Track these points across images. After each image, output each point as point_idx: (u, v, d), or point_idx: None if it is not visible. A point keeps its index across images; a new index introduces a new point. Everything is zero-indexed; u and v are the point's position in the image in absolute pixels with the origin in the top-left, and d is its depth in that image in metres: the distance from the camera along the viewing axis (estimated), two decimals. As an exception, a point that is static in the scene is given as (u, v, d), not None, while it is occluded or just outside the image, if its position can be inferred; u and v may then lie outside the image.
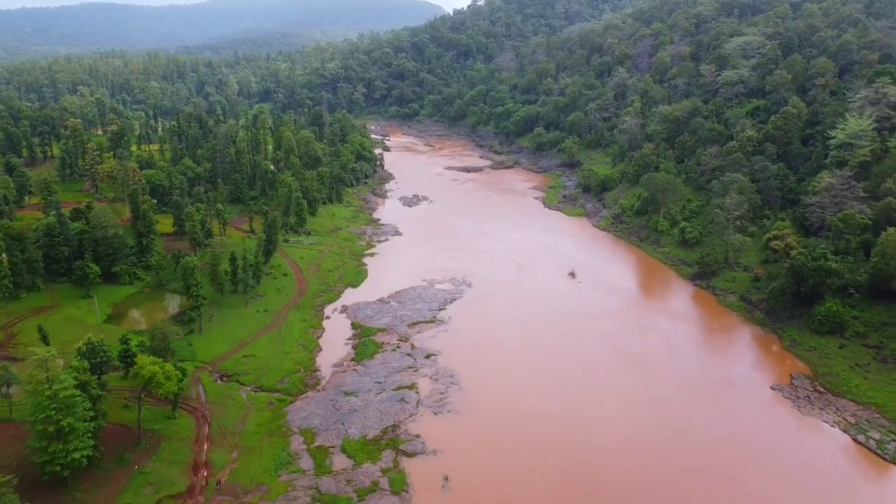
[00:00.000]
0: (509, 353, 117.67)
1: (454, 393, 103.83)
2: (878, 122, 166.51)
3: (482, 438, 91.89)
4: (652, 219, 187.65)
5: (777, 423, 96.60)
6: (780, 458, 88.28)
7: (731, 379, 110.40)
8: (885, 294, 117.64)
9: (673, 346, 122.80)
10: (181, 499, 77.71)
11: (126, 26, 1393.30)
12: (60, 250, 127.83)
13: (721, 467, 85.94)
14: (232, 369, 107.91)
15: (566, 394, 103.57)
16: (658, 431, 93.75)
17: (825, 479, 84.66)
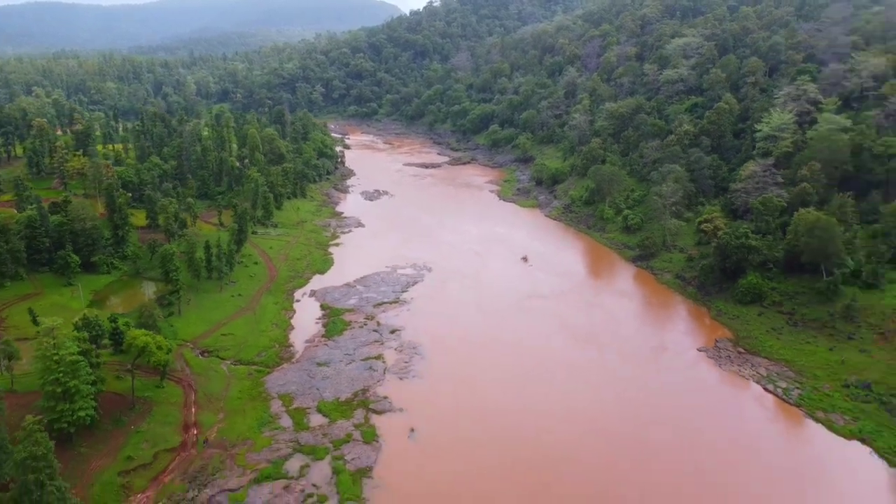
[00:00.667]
0: (467, 328, 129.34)
1: (417, 361, 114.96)
2: (799, 116, 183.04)
3: (443, 398, 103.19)
4: (598, 208, 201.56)
5: (701, 378, 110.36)
6: (702, 405, 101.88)
7: (664, 345, 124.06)
8: (798, 267, 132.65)
9: (615, 320, 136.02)
10: (175, 452, 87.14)
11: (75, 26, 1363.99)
12: (42, 241, 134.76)
13: (653, 414, 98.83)
14: (212, 346, 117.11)
15: (517, 361, 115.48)
16: (597, 387, 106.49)
17: (739, 420, 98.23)
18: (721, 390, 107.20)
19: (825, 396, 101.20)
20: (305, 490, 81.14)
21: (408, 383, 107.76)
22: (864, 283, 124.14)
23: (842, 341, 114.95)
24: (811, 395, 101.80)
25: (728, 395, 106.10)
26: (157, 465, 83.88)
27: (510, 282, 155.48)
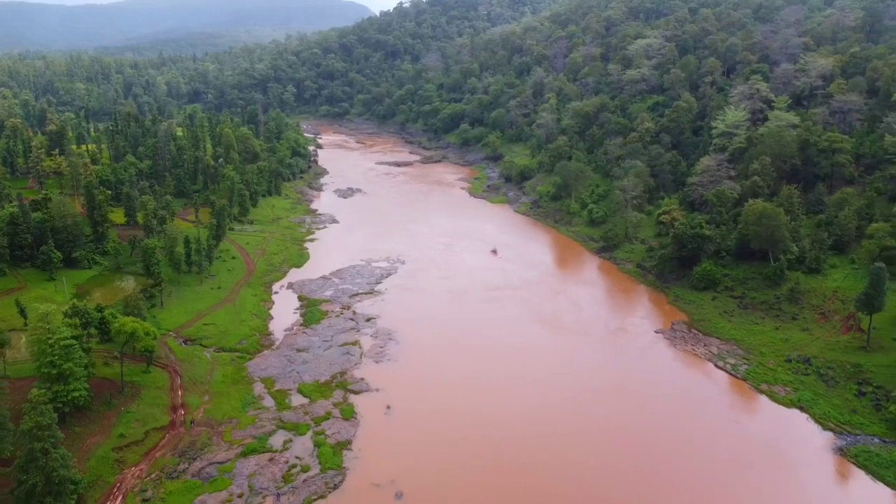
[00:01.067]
0: (438, 316, 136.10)
1: (392, 347, 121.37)
2: (752, 113, 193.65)
3: (416, 378, 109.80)
4: (565, 202, 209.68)
5: (657, 356, 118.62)
6: (657, 379, 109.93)
7: (625, 327, 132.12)
8: (749, 254, 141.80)
9: (579, 306, 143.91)
10: (165, 430, 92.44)
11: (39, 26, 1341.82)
12: (24, 237, 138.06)
13: (611, 387, 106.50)
14: (194, 335, 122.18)
15: (486, 343, 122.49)
16: (559, 365, 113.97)
17: (691, 391, 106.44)
18: (675, 367, 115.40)
19: (769, 371, 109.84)
20: (289, 461, 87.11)
21: (383, 366, 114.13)
22: (807, 268, 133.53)
23: (786, 321, 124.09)
24: (757, 370, 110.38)
25: (681, 371, 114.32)
26: (148, 442, 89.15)
27: (480, 273, 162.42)
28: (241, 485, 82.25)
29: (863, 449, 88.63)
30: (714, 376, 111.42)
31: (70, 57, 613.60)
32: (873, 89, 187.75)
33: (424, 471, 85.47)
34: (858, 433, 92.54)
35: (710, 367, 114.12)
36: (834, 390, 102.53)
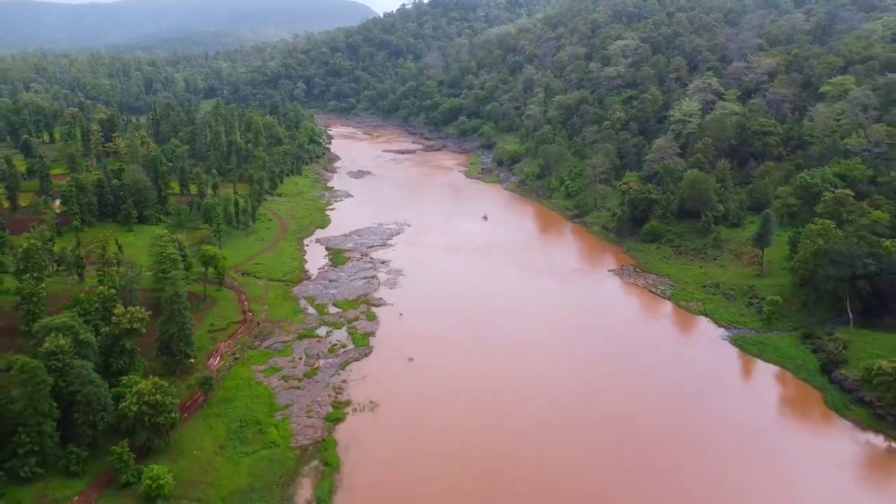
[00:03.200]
0: (438, 262, 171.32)
1: (401, 279, 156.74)
2: (704, 104, 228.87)
3: (420, 297, 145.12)
4: (547, 180, 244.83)
5: (606, 285, 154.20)
6: (604, 300, 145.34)
7: (585, 269, 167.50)
8: (687, 214, 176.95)
9: (550, 257, 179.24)
10: (240, 324, 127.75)
11: (44, 24, 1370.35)
12: (108, 198, 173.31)
13: (571, 305, 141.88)
14: (249, 270, 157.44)
15: (475, 279, 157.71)
16: (532, 293, 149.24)
17: (629, 307, 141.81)
18: (619, 293, 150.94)
19: (689, 293, 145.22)
20: (332, 342, 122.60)
21: (395, 291, 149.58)
22: (730, 222, 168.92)
23: (709, 262, 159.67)
24: (679, 293, 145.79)
25: (623, 294, 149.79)
26: (230, 330, 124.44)
27: (473, 234, 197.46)
28: (299, 353, 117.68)
29: (741, 336, 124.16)
30: (646, 297, 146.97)
31: (91, 55, 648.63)
32: (809, 83, 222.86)
33: (428, 347, 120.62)
34: (742, 328, 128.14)
35: (646, 292, 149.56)
36: (732, 303, 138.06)
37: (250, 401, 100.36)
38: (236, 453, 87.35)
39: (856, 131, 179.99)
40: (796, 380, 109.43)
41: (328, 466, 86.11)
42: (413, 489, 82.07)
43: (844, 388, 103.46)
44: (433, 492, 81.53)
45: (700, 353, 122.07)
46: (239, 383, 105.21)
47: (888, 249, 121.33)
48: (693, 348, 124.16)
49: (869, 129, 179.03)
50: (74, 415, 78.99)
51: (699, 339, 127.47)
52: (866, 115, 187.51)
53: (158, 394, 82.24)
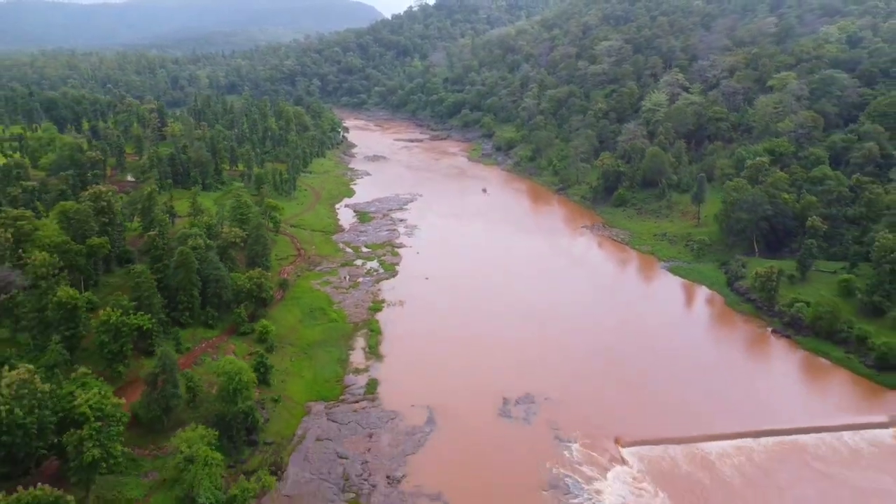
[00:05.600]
0: (446, 222, 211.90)
1: (417, 231, 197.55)
2: (671, 96, 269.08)
3: (434, 243, 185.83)
4: (537, 162, 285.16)
5: (580, 237, 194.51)
6: (578, 246, 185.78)
7: (562, 227, 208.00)
8: (649, 184, 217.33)
9: (538, 219, 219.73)
10: (296, 256, 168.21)
11: (56, 24, 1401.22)
12: (178, 168, 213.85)
13: (550, 252, 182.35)
14: (296, 224, 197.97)
15: (475, 233, 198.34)
16: (520, 242, 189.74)
17: (596, 250, 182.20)
18: (589, 241, 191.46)
19: (642, 240, 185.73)
20: (367, 269, 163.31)
21: (413, 238, 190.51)
22: (681, 189, 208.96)
23: (662, 219, 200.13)
24: (635, 240, 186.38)
25: (592, 242, 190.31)
26: (289, 259, 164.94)
27: (474, 203, 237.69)
28: (343, 275, 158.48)
29: (676, 266, 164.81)
30: (609, 244, 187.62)
31: (117, 53, 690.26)
32: (761, 79, 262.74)
33: (439, 272, 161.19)
34: (678, 261, 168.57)
35: (609, 240, 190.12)
36: (673, 246, 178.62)
37: (313, 299, 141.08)
38: (310, 324, 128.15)
39: (788, 117, 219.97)
40: (709, 290, 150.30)
41: (373, 332, 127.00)
42: (427, 345, 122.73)
43: (740, 293, 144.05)
44: (440, 348, 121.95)
45: (644, 275, 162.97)
46: (303, 289, 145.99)
47: (784, 199, 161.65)
48: (640, 273, 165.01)
49: (798, 114, 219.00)
50: (208, 288, 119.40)
51: (645, 268, 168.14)
52: (799, 104, 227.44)
53: (261, 278, 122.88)
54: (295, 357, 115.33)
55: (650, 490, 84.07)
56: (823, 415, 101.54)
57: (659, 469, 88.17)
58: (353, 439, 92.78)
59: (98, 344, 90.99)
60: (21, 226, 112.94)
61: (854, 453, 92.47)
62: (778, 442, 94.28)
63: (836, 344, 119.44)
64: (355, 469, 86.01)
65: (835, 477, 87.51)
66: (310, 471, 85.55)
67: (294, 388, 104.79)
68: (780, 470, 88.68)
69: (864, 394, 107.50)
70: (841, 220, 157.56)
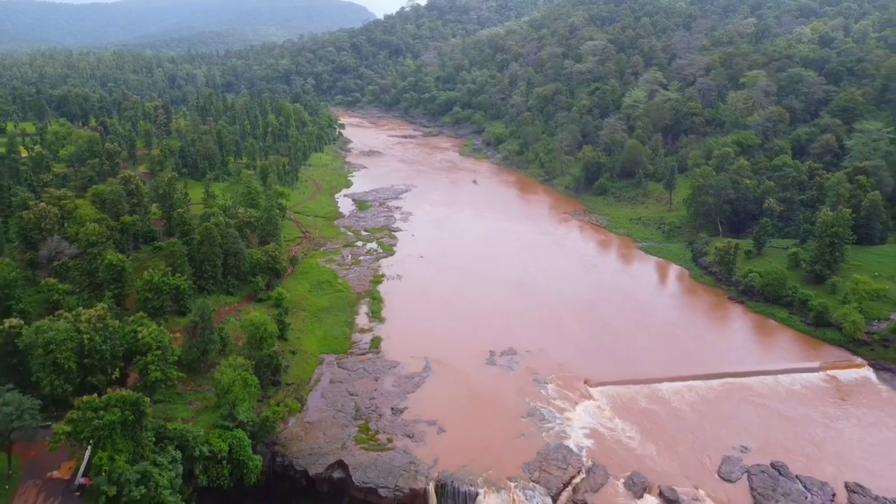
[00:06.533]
0: (439, 209, 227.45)
1: (412, 217, 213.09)
2: (650, 93, 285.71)
3: (428, 227, 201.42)
4: (525, 155, 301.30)
5: (563, 222, 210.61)
6: (560, 229, 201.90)
7: (547, 214, 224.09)
8: (627, 174, 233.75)
9: (524, 207, 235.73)
10: (302, 238, 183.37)
11: (47, 24, 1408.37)
12: (188, 160, 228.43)
13: (538, 235, 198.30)
14: (300, 210, 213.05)
15: (466, 219, 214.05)
16: (508, 229, 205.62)
17: (577, 232, 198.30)
18: (571, 225, 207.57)
19: (619, 224, 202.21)
20: (367, 249, 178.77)
21: (408, 223, 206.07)
22: (657, 178, 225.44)
23: (638, 205, 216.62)
24: (612, 224, 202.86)
25: (575, 226, 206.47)
26: (295, 241, 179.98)
27: (465, 193, 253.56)
28: (346, 255, 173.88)
29: (648, 245, 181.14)
30: (589, 227, 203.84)
31: (114, 53, 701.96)
32: (734, 76, 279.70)
33: (433, 252, 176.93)
34: (650, 241, 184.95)
35: (590, 224, 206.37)
36: (647, 228, 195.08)
37: (320, 274, 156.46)
38: (319, 294, 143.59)
39: (756, 111, 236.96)
40: (676, 265, 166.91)
41: (375, 300, 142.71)
42: (423, 310, 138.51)
43: (703, 267, 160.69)
44: (434, 312, 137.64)
45: (619, 253, 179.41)
46: (311, 266, 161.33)
47: (746, 185, 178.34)
48: (615, 251, 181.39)
49: (766, 109, 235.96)
50: (228, 260, 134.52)
51: (620, 247, 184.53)
52: (768, 99, 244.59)
53: (276, 251, 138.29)
54: (307, 320, 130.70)
55: (612, 417, 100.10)
56: (766, 362, 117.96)
57: (621, 403, 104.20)
58: (361, 382, 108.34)
59: (142, 301, 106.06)
60: (64, 204, 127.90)
61: (788, 391, 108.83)
62: (725, 383, 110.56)
63: (781, 306, 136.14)
64: (364, 403, 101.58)
65: (770, 408, 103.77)
66: (326, 405, 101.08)
67: (308, 343, 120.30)
68: (725, 403, 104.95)
69: (802, 346, 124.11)
70: (796, 204, 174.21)
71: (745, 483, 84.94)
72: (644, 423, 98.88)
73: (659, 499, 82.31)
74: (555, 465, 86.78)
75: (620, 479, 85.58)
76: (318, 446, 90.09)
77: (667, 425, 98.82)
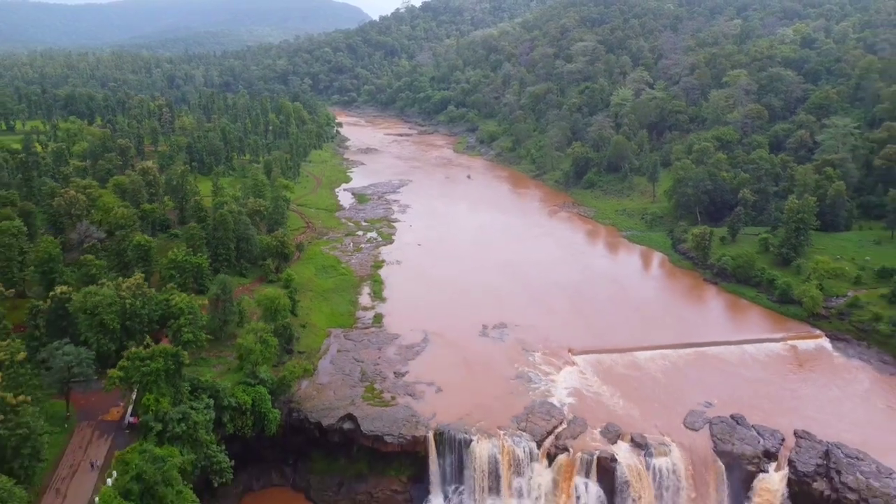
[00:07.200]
0: (435, 202, 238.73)
1: (409, 209, 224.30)
2: (637, 91, 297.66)
3: (425, 218, 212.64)
4: (517, 152, 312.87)
5: (553, 213, 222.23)
6: (550, 220, 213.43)
7: (537, 207, 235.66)
8: (614, 168, 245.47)
9: (516, 200, 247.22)
10: (306, 228, 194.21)
11: (42, 24, 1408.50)
12: (195, 155, 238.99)
13: (529, 225, 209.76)
14: (302, 203, 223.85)
15: (461, 211, 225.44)
16: (501, 220, 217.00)
17: (566, 223, 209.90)
18: (560, 216, 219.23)
19: (605, 215, 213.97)
20: (367, 238, 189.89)
21: (406, 214, 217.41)
22: (642, 172, 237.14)
23: (623, 198, 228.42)
24: (599, 215, 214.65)
25: (564, 217, 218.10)
26: (299, 231, 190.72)
27: (460, 187, 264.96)
28: (347, 243, 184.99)
29: (631, 234, 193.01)
30: (577, 219, 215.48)
31: (112, 53, 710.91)
32: (717, 76, 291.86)
33: (429, 241, 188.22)
34: (633, 230, 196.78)
35: (577, 216, 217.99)
36: (631, 219, 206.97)
37: (324, 259, 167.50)
38: (324, 277, 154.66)
39: (737, 109, 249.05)
40: (657, 252, 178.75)
41: (376, 282, 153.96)
42: (421, 291, 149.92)
43: (681, 252, 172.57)
44: (432, 293, 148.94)
45: (604, 241, 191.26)
46: (315, 253, 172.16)
47: (723, 177, 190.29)
48: (601, 239, 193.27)
49: (746, 107, 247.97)
50: (240, 245, 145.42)
51: (605, 236, 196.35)
52: (748, 97, 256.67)
53: (284, 237, 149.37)
54: (314, 299, 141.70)
55: (592, 380, 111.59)
56: (734, 334, 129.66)
57: (601, 368, 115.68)
58: (366, 351, 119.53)
59: (167, 278, 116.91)
60: (90, 193, 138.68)
61: (752, 359, 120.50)
62: (695, 351, 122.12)
63: (751, 286, 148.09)
64: (370, 368, 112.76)
65: (735, 373, 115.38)
66: (335, 370, 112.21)
67: (316, 319, 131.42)
68: (694, 369, 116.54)
69: (768, 321, 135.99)
70: (770, 194, 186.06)
71: (706, 431, 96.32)
72: (621, 385, 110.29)
73: (630, 444, 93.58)
74: (540, 417, 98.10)
75: (597, 428, 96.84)
76: (330, 403, 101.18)
77: (641, 387, 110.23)
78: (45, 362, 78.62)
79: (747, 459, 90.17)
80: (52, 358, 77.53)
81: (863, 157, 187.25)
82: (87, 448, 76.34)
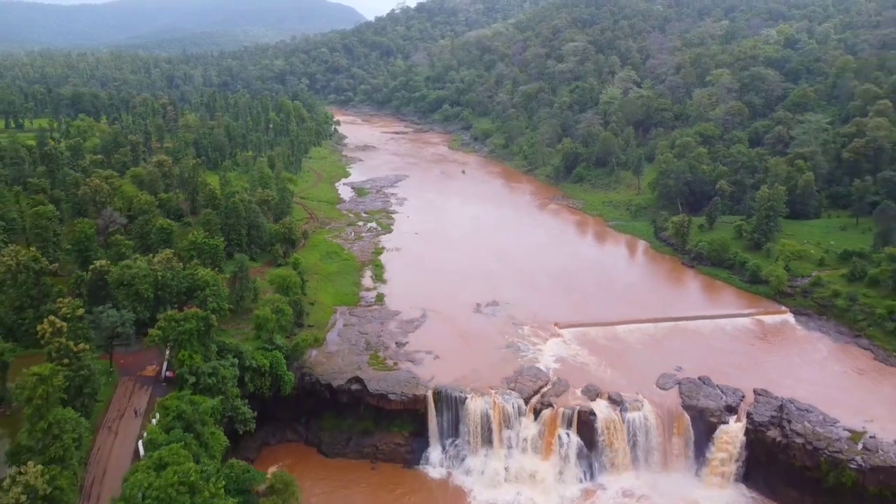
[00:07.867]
0: (431, 196, 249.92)
1: (406, 202, 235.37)
2: (624, 90, 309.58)
3: (422, 210, 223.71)
4: (510, 148, 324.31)
5: (543, 206, 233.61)
6: (541, 211, 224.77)
7: (529, 200, 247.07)
8: (601, 163, 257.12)
9: (508, 193, 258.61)
10: (309, 218, 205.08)
11: (37, 25, 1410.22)
12: (201, 151, 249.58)
13: (522, 218, 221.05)
14: (304, 196, 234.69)
15: (456, 204, 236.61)
16: (493, 212, 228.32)
17: (556, 215, 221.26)
18: (550, 208, 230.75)
19: (592, 207, 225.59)
20: (368, 227, 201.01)
21: (404, 206, 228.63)
22: (628, 167, 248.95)
23: (610, 191, 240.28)
24: (587, 207, 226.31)
25: (554, 209, 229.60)
26: (303, 221, 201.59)
27: (455, 182, 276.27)
28: (349, 232, 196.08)
29: (617, 224, 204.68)
30: (566, 210, 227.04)
31: (111, 53, 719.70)
32: (702, 74, 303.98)
33: (426, 230, 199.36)
34: (618, 220, 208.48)
35: (566, 208, 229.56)
36: (616, 210, 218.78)
37: (328, 246, 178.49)
38: (329, 262, 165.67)
39: (719, 106, 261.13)
40: (641, 239, 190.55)
41: (377, 267, 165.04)
42: (419, 274, 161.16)
43: (662, 239, 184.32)
44: (429, 275, 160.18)
45: (591, 230, 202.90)
46: (319, 241, 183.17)
47: (703, 170, 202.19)
48: (587, 228, 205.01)
49: (728, 105, 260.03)
50: (251, 231, 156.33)
51: (592, 225, 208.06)
52: (730, 95, 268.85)
53: (291, 224, 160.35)
54: (320, 281, 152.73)
55: (576, 349, 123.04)
56: (707, 310, 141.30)
57: (584, 340, 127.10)
58: (370, 325, 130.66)
59: (186, 259, 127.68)
60: (112, 182, 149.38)
61: (722, 331, 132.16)
62: (671, 325, 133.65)
63: (724, 269, 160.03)
64: (374, 339, 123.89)
65: (706, 343, 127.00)
66: (342, 341, 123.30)
67: (323, 297, 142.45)
68: (669, 340, 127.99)
69: (738, 298, 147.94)
70: (747, 186, 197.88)
71: (676, 390, 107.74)
72: (602, 354, 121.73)
73: (608, 401, 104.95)
74: (528, 379, 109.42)
75: (578, 388, 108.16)
76: (338, 368, 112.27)
77: (620, 355, 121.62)
78: (93, 322, 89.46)
79: (710, 412, 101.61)
80: (100, 319, 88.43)
81: (833, 150, 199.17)
82: (131, 397, 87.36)
